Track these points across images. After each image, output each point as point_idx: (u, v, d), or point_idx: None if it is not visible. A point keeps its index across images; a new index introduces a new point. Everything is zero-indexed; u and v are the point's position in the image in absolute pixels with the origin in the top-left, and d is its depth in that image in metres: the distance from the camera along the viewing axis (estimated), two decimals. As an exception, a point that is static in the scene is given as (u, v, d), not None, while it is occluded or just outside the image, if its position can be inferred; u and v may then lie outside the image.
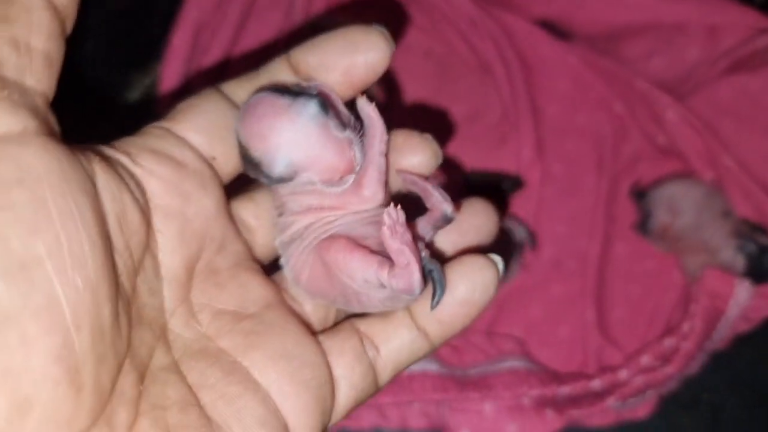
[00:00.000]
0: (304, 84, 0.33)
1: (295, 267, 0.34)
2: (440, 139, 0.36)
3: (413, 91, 0.78)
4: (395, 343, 0.35)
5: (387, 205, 0.32)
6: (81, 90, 0.76)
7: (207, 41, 0.81)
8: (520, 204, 0.75)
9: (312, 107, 0.32)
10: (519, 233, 0.73)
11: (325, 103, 0.32)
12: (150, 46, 0.80)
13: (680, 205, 0.70)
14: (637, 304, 0.72)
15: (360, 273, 0.31)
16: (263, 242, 0.36)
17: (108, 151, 0.30)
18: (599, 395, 0.66)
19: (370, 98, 0.33)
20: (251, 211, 0.35)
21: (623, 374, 0.66)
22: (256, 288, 0.33)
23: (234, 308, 0.32)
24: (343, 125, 0.33)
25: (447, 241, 0.37)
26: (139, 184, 0.30)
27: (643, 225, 0.73)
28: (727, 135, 0.72)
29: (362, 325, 0.35)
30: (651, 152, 0.75)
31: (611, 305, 0.72)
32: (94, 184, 0.27)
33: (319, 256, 0.33)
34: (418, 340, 0.35)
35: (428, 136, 0.36)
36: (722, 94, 0.73)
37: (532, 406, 0.65)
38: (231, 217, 0.34)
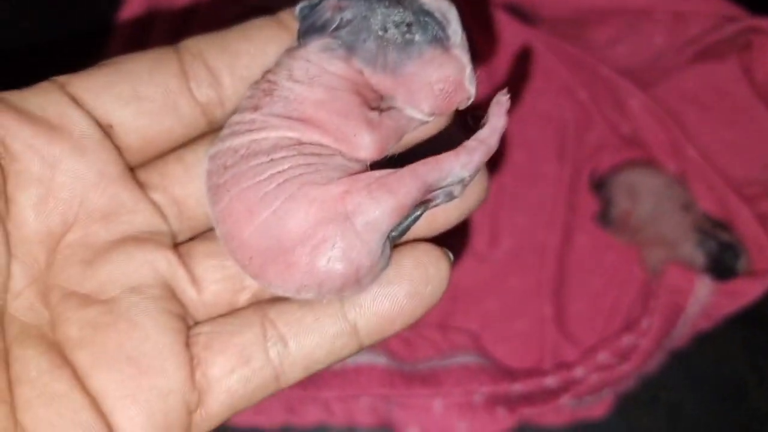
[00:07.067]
0: None
1: (217, 185, 0.29)
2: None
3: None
4: (311, 339, 0.29)
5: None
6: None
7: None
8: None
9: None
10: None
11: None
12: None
13: (639, 192, 0.67)
14: (597, 298, 0.69)
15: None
16: (192, 214, 0.31)
17: None
18: (553, 393, 0.63)
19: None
20: (178, 178, 0.31)
21: (579, 371, 0.63)
22: (133, 265, 0.29)
23: (88, 291, 0.29)
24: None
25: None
26: None
27: (604, 215, 0.70)
28: (691, 125, 0.70)
29: (273, 311, 0.30)
30: (614, 141, 0.72)
31: (570, 299, 0.70)
32: None
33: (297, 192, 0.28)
34: (344, 336, 0.29)
35: None
36: (687, 82, 0.71)
37: (483, 404, 0.62)
38: (132, 185, 0.30)
